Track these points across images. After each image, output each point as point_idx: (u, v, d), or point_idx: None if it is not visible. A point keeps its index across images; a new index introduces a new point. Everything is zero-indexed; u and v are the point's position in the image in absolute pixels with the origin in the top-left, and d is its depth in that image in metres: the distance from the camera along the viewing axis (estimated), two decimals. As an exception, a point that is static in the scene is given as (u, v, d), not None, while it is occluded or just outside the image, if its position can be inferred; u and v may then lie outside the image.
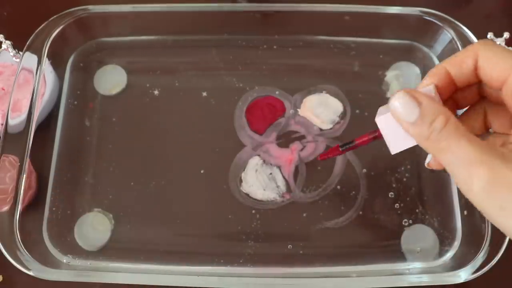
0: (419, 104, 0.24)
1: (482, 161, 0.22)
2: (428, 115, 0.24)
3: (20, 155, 0.39)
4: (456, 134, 0.23)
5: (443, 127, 0.24)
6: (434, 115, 0.24)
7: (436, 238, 0.40)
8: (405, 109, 0.25)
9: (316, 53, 0.48)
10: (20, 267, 0.36)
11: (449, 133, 0.23)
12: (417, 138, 0.25)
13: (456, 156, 0.23)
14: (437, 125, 0.24)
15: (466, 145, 0.23)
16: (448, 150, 0.23)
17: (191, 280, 0.37)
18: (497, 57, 0.24)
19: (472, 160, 0.23)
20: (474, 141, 0.23)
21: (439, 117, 0.24)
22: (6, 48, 0.44)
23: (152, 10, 0.46)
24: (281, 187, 0.42)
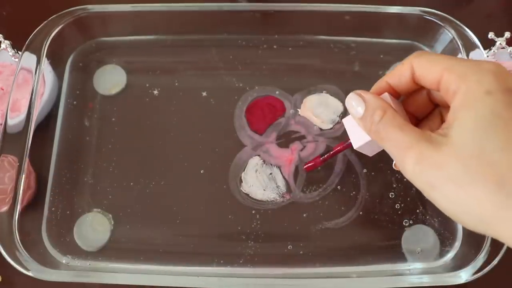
0: (364, 100, 0.29)
1: (411, 145, 0.26)
2: (369, 109, 0.29)
3: (19, 155, 0.39)
4: (391, 124, 0.27)
5: (380, 119, 0.28)
6: (374, 109, 0.29)
7: (437, 238, 0.40)
8: (354, 106, 0.30)
9: (316, 53, 0.47)
10: (19, 268, 0.36)
11: (385, 124, 0.28)
12: (365, 130, 0.30)
13: (392, 143, 0.27)
14: (376, 117, 0.28)
15: (399, 133, 0.27)
16: (386, 138, 0.28)
17: (191, 281, 0.37)
18: (429, 63, 0.28)
19: (403, 145, 0.26)
20: (406, 129, 0.27)
21: (377, 111, 0.28)
22: (5, 47, 0.44)
23: (151, 10, 0.46)
24: (281, 187, 0.42)
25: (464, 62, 0.26)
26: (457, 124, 0.25)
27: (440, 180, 0.25)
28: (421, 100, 0.32)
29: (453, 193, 0.25)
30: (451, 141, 0.25)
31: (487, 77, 0.25)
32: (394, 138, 0.27)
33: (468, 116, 0.25)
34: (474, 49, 0.42)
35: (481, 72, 0.25)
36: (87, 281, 0.38)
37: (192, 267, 0.40)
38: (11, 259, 0.36)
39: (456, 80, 0.26)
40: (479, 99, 0.24)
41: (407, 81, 0.30)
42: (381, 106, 0.29)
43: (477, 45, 0.42)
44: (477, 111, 0.24)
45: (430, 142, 0.26)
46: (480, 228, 0.25)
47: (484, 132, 0.24)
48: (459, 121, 0.25)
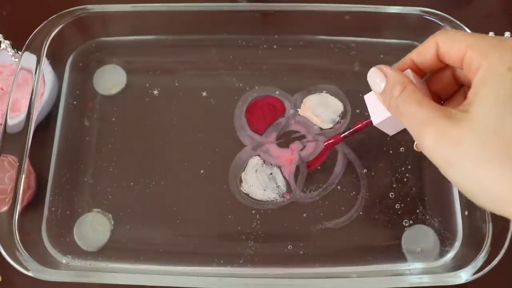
0: (385, 75, 0.29)
1: (430, 121, 0.26)
2: (389, 84, 0.29)
3: (19, 155, 0.39)
4: (410, 100, 0.27)
5: (400, 93, 0.28)
6: (394, 84, 0.28)
7: (437, 238, 0.40)
8: (376, 81, 0.30)
9: (316, 53, 0.47)
10: (19, 268, 0.36)
11: (404, 99, 0.27)
12: (385, 105, 0.30)
13: (410, 118, 0.27)
14: (395, 92, 0.28)
15: (417, 108, 0.27)
16: (405, 113, 0.27)
17: (191, 281, 0.37)
18: (453, 39, 0.27)
19: (422, 121, 0.26)
20: (425, 105, 0.26)
21: (397, 86, 0.28)
22: (5, 47, 0.44)
23: (151, 10, 0.46)
24: (282, 187, 0.42)
25: (487, 39, 0.26)
26: (477, 101, 0.25)
27: (458, 156, 0.24)
28: (446, 79, 0.31)
29: (469, 170, 0.24)
30: (470, 117, 0.24)
31: (509, 54, 0.24)
32: (412, 114, 0.27)
33: (489, 92, 0.24)
34: (474, 49, 0.42)
35: (503, 49, 0.25)
36: (87, 281, 0.38)
37: (192, 267, 0.40)
38: (11, 259, 0.36)
39: (478, 56, 0.25)
40: (500, 75, 0.24)
41: (431, 58, 0.29)
42: (402, 81, 0.28)
43: (477, 45, 0.42)
44: (498, 88, 0.24)
45: (449, 118, 0.25)
46: (494, 207, 0.25)
47: (504, 109, 0.24)
48: (479, 97, 0.25)
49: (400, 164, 0.42)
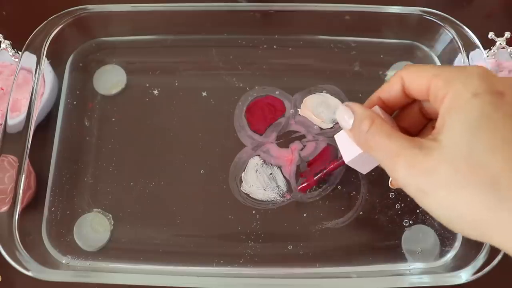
0: (353, 111, 0.30)
1: (400, 152, 0.26)
2: (358, 120, 0.29)
3: (19, 155, 0.38)
4: (379, 133, 0.27)
5: (368, 128, 0.28)
6: (362, 119, 0.29)
7: (437, 238, 0.40)
8: (344, 117, 0.30)
9: (316, 53, 0.47)
10: (19, 268, 0.36)
11: (374, 132, 0.28)
12: (355, 141, 0.30)
13: (381, 151, 0.27)
14: (364, 127, 0.28)
15: (387, 141, 0.27)
16: (375, 147, 0.28)
17: (191, 281, 0.37)
18: (418, 72, 0.28)
19: (393, 153, 0.26)
20: (394, 137, 0.27)
21: (365, 120, 0.28)
22: (5, 47, 0.44)
23: (152, 10, 0.46)
24: (282, 187, 0.42)
25: (450, 68, 0.27)
26: (445, 129, 0.25)
27: (432, 186, 0.25)
28: (414, 114, 0.32)
29: (445, 198, 0.24)
30: (440, 145, 0.25)
31: (473, 80, 0.25)
32: (383, 147, 0.27)
33: (457, 119, 0.25)
34: (474, 49, 0.42)
35: (467, 75, 0.25)
36: (87, 281, 0.38)
37: (192, 267, 0.40)
38: (11, 259, 0.36)
39: (443, 85, 0.26)
40: (466, 101, 0.24)
41: (398, 94, 0.30)
42: (369, 116, 0.29)
43: (477, 45, 0.42)
44: (465, 114, 0.24)
45: (419, 148, 0.25)
46: (475, 233, 0.25)
47: (472, 134, 0.24)
48: (447, 125, 0.25)
49: (400, 164, 0.42)
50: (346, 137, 0.32)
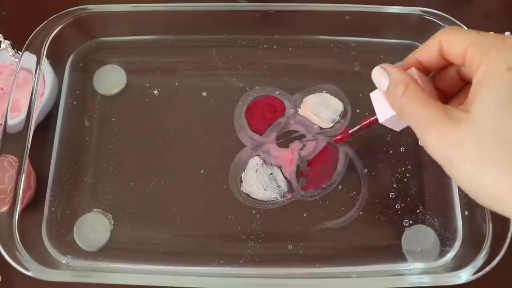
0: (389, 74, 0.29)
1: (432, 122, 0.26)
2: (393, 84, 0.29)
3: (19, 155, 0.38)
4: (413, 100, 0.27)
5: (403, 93, 0.28)
6: (397, 84, 0.29)
7: (437, 238, 0.40)
8: (381, 79, 0.30)
9: (316, 52, 0.47)
10: (19, 268, 0.36)
11: (408, 99, 0.28)
12: (390, 104, 0.30)
13: (413, 118, 0.27)
14: (399, 92, 0.28)
15: (420, 109, 0.27)
16: (408, 113, 0.28)
17: (191, 281, 0.37)
18: (456, 37, 0.27)
19: (425, 121, 0.26)
20: (428, 105, 0.27)
21: (399, 85, 0.28)
22: (5, 47, 0.44)
23: (152, 10, 0.46)
24: (282, 187, 0.42)
25: (490, 37, 0.26)
26: (477, 101, 0.25)
27: (458, 158, 0.25)
28: (451, 76, 0.31)
29: (469, 171, 0.25)
30: (471, 117, 0.25)
31: (509, 54, 0.24)
32: (415, 114, 0.27)
33: (488, 92, 0.24)
34: (474, 49, 0.42)
35: (504, 48, 0.25)
36: (87, 281, 0.38)
37: (192, 267, 0.40)
38: (11, 259, 0.36)
39: (479, 54, 0.25)
40: (499, 75, 0.24)
41: (435, 56, 0.29)
42: (404, 81, 0.28)
43: (477, 45, 0.42)
44: (497, 88, 0.24)
45: (450, 118, 0.25)
46: (495, 206, 0.25)
47: (503, 109, 0.24)
48: (478, 97, 0.25)
49: (400, 164, 0.42)
50: (381, 96, 0.32)
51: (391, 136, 0.44)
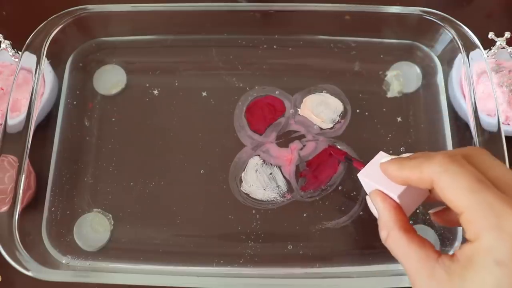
0: (376, 209, 0.30)
1: (413, 275, 0.26)
2: (379, 222, 0.29)
3: (19, 155, 0.38)
4: (394, 249, 0.27)
5: (386, 238, 0.28)
6: (381, 226, 0.29)
7: (437, 238, 0.40)
8: (373, 208, 0.31)
9: (316, 52, 0.47)
10: (19, 268, 0.36)
11: (390, 246, 0.28)
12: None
13: (398, 258, 0.27)
14: (382, 235, 0.28)
15: (401, 259, 0.27)
16: (395, 255, 0.28)
17: (191, 281, 0.37)
18: (451, 191, 0.24)
19: (407, 271, 0.26)
20: (408, 257, 0.26)
21: (383, 229, 0.28)
22: (5, 47, 0.44)
23: (152, 10, 0.46)
24: (282, 187, 0.42)
25: (488, 207, 0.23)
26: (462, 279, 0.24)
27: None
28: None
29: None
30: (460, 279, 0.24)
31: (504, 242, 0.22)
32: (399, 259, 0.27)
33: (474, 279, 0.23)
34: (474, 49, 0.42)
35: (500, 233, 0.23)
36: (87, 281, 0.38)
37: (192, 267, 0.40)
38: (11, 259, 0.36)
39: (474, 229, 0.23)
40: (487, 266, 0.23)
41: (425, 187, 0.27)
42: (387, 226, 0.28)
43: (477, 45, 0.42)
44: (483, 279, 0.23)
45: (431, 278, 0.25)
46: None
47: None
48: (464, 277, 0.23)
49: (400, 164, 0.42)
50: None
51: (391, 136, 0.44)
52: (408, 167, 0.27)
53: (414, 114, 0.45)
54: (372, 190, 0.30)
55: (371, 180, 0.31)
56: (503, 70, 0.43)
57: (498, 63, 0.44)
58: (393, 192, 0.29)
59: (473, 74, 0.41)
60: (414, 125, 0.44)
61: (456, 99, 0.43)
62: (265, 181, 0.42)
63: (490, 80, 0.40)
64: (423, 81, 0.46)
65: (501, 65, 0.44)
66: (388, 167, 0.29)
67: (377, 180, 0.30)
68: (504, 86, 0.42)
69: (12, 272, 0.36)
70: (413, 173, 0.27)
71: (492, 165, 0.26)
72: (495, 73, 0.43)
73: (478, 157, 0.26)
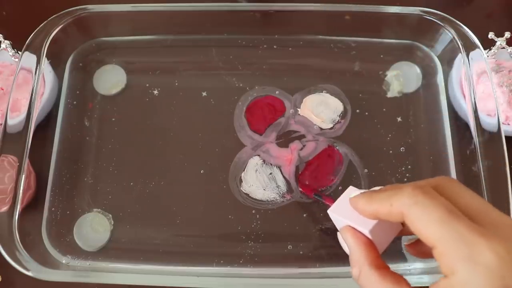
0: (348, 246, 0.29)
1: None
2: (350, 260, 0.28)
3: (19, 155, 0.38)
4: (367, 287, 0.26)
5: (358, 276, 0.27)
6: (352, 264, 0.28)
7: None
8: (344, 246, 0.30)
9: (316, 52, 0.47)
10: (19, 268, 0.36)
11: (362, 284, 0.27)
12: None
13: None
14: (354, 273, 0.27)
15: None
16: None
17: (191, 281, 0.37)
18: (422, 223, 0.24)
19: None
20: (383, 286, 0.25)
21: (355, 266, 0.27)
22: (5, 47, 0.44)
23: (152, 10, 0.46)
24: (282, 187, 0.42)
25: (459, 238, 0.22)
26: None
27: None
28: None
29: None
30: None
31: (479, 275, 0.22)
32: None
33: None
34: (474, 49, 0.42)
35: (474, 265, 0.22)
36: (86, 281, 0.38)
37: (192, 267, 0.40)
38: (11, 259, 0.36)
39: (447, 263, 0.23)
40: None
41: (396, 220, 0.26)
42: (358, 262, 0.27)
43: (477, 45, 0.42)
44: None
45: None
46: None
47: None
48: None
49: (400, 164, 0.42)
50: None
51: (391, 136, 0.44)
52: (377, 200, 0.26)
53: (414, 114, 0.45)
54: (342, 226, 0.29)
55: (341, 216, 0.29)
56: (503, 70, 0.43)
57: (498, 63, 0.44)
58: (364, 227, 0.28)
59: (473, 74, 0.41)
60: (414, 125, 0.44)
61: (456, 99, 0.43)
62: (265, 181, 0.42)
63: (490, 80, 0.40)
64: (423, 81, 0.46)
65: (501, 65, 0.44)
66: (358, 201, 0.28)
67: (348, 215, 0.29)
68: (504, 86, 0.42)
69: (12, 272, 0.36)
70: (383, 206, 0.26)
71: (462, 194, 0.25)
72: (495, 73, 0.43)
73: (448, 186, 0.25)
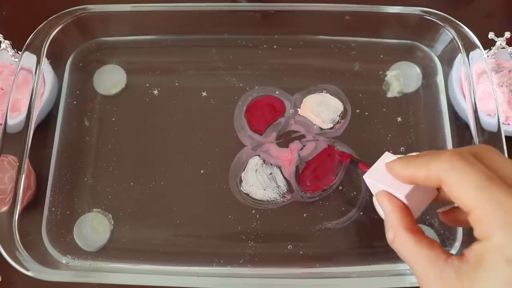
0: (383, 210, 0.29)
1: (421, 277, 0.25)
2: (386, 223, 0.28)
3: (19, 155, 0.38)
4: (402, 250, 0.27)
5: (393, 240, 0.27)
6: (387, 227, 0.28)
7: (437, 238, 0.40)
8: (379, 210, 0.31)
9: (316, 53, 0.47)
10: (19, 268, 0.36)
11: (397, 248, 0.27)
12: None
13: (406, 260, 0.27)
14: (389, 237, 0.28)
15: (409, 261, 0.26)
16: (401, 256, 0.27)
17: (191, 281, 0.37)
18: (460, 189, 0.24)
19: (415, 273, 0.26)
20: (416, 258, 0.26)
21: (389, 230, 0.28)
22: (5, 47, 0.44)
23: (152, 10, 0.46)
24: (282, 187, 0.42)
25: (497, 205, 0.23)
26: (472, 279, 0.23)
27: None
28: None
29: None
30: (470, 280, 0.23)
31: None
32: (407, 261, 0.26)
33: (484, 279, 0.23)
34: (474, 49, 0.42)
35: (510, 234, 0.22)
36: (87, 281, 0.38)
37: (192, 267, 0.40)
38: (11, 259, 0.36)
39: (483, 228, 0.23)
40: (498, 264, 0.22)
41: (433, 186, 0.27)
42: (392, 225, 0.27)
43: (477, 45, 0.42)
44: (494, 278, 0.22)
45: (439, 279, 0.24)
46: None
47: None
48: (475, 278, 0.23)
49: (400, 164, 0.42)
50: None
51: (391, 136, 0.44)
52: (414, 165, 0.27)
53: (414, 114, 0.45)
54: (378, 191, 0.30)
55: (377, 181, 0.30)
56: (503, 70, 0.43)
57: (498, 63, 0.44)
58: (400, 192, 0.28)
59: (473, 74, 0.41)
60: (414, 125, 0.44)
61: (456, 99, 0.43)
62: (265, 181, 0.42)
63: (490, 80, 0.40)
64: (423, 81, 0.46)
65: (501, 65, 0.44)
66: (394, 166, 0.28)
67: (383, 181, 0.29)
68: (504, 86, 0.42)
69: (12, 272, 0.36)
70: (420, 171, 0.26)
71: (502, 163, 0.25)
72: (495, 73, 0.43)
73: (488, 154, 0.25)
